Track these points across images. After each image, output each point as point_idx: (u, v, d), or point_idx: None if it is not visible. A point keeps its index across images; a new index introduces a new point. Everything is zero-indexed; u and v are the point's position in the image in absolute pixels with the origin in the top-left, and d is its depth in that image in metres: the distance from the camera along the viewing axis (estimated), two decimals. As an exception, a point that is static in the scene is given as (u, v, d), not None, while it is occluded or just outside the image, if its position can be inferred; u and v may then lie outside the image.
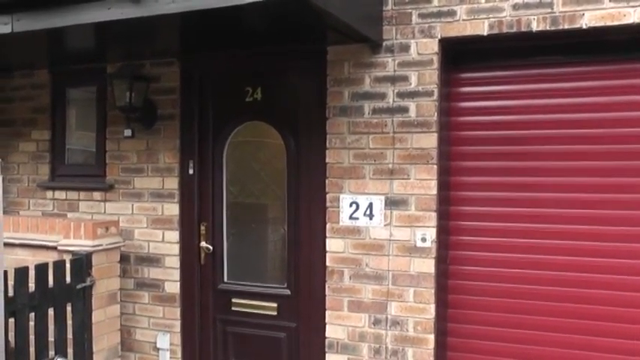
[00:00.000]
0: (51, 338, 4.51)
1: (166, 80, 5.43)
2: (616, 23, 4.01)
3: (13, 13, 4.21)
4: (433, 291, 4.51)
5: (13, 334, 4.17)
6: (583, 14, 4.06)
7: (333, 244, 4.77)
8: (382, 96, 4.60)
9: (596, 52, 4.30)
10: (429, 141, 4.47)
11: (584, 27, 4.07)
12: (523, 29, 4.22)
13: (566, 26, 4.12)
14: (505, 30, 4.26)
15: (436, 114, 4.46)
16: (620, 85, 4.27)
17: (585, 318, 4.36)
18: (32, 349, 4.37)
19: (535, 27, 4.18)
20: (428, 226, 4.49)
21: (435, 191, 4.47)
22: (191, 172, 5.37)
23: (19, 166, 6.17)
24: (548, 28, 4.16)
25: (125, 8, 3.89)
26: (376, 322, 4.66)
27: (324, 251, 4.81)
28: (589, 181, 4.34)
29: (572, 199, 4.38)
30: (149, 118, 5.45)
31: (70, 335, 4.66)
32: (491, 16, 4.28)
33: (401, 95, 4.54)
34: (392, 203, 4.58)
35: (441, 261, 4.61)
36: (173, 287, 5.44)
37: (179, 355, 5.46)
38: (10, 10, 4.20)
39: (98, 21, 4.01)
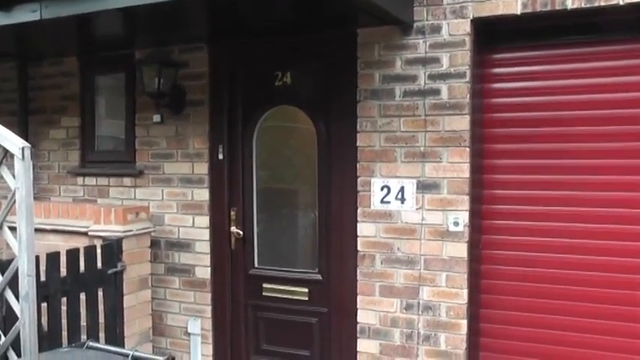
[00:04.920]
0: (83, 323, 4.55)
1: (195, 66, 5.41)
2: (655, -1, 3.90)
3: (41, 1, 4.22)
4: (466, 276, 4.45)
5: (46, 318, 4.21)
6: (620, -10, 3.96)
7: (365, 229, 4.72)
8: (413, 78, 4.53)
9: (635, 30, 4.17)
10: (462, 123, 4.40)
11: (621, 3, 3.95)
12: (557, 7, 4.11)
13: (602, 3, 4.00)
14: (539, 8, 4.15)
15: (468, 96, 4.38)
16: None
17: (624, 304, 4.27)
18: (65, 333, 4.41)
19: (570, 4, 4.07)
20: (460, 210, 4.43)
21: (467, 174, 4.40)
22: (221, 157, 5.35)
23: (49, 153, 6.23)
24: (583, 5, 4.05)
25: (153, -8, 3.88)
26: (408, 308, 4.62)
27: (356, 236, 4.77)
28: (627, 163, 4.23)
29: (609, 182, 4.28)
30: (178, 104, 5.44)
31: (101, 320, 4.69)
32: (524, -6, 4.19)
33: (432, 77, 4.47)
34: (424, 187, 4.52)
35: (474, 245, 4.54)
36: (204, 272, 5.44)
37: (210, 340, 5.47)
38: (39, -4, 4.22)
39: (126, 6, 3.99)
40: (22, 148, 3.03)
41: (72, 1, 4.14)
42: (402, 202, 4.58)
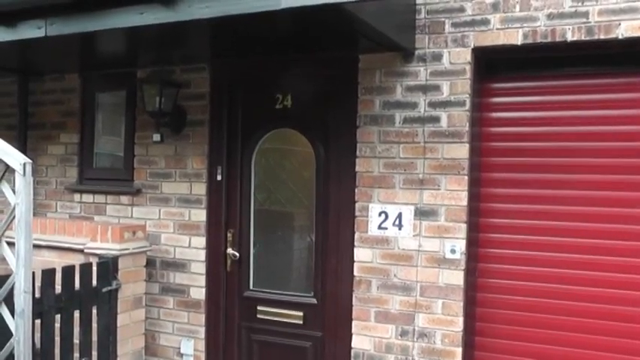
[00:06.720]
0: (76, 340, 4.51)
1: (196, 86, 5.44)
2: (653, 34, 3.95)
3: (47, 18, 4.25)
4: (462, 303, 4.44)
5: (39, 335, 4.18)
6: (619, 24, 4.00)
7: (361, 254, 4.72)
8: (413, 105, 4.56)
9: (633, 64, 4.22)
10: (461, 151, 4.42)
11: (619, 37, 4.01)
12: (558, 39, 4.16)
13: (602, 36, 4.05)
14: (539, 40, 4.21)
15: (468, 124, 4.41)
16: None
17: (620, 336, 4.27)
18: (57, 351, 4.37)
19: (570, 37, 4.12)
20: (457, 238, 4.43)
21: (465, 202, 4.42)
22: (219, 178, 5.36)
23: (47, 169, 6.22)
24: (583, 38, 4.10)
25: (158, 13, 3.90)
26: (403, 334, 4.61)
27: (352, 260, 4.76)
28: (626, 195, 4.25)
29: (607, 213, 4.29)
30: (178, 124, 5.46)
31: (94, 338, 4.66)
32: (525, 25, 4.23)
33: (432, 105, 4.50)
34: (421, 213, 4.53)
35: (470, 273, 4.55)
36: (198, 293, 5.43)
37: (203, 361, 5.45)
38: (44, 14, 4.24)
39: (131, 26, 4.02)
40: (24, 164, 3.04)
41: (77, 19, 4.16)
42: (400, 229, 4.58)
